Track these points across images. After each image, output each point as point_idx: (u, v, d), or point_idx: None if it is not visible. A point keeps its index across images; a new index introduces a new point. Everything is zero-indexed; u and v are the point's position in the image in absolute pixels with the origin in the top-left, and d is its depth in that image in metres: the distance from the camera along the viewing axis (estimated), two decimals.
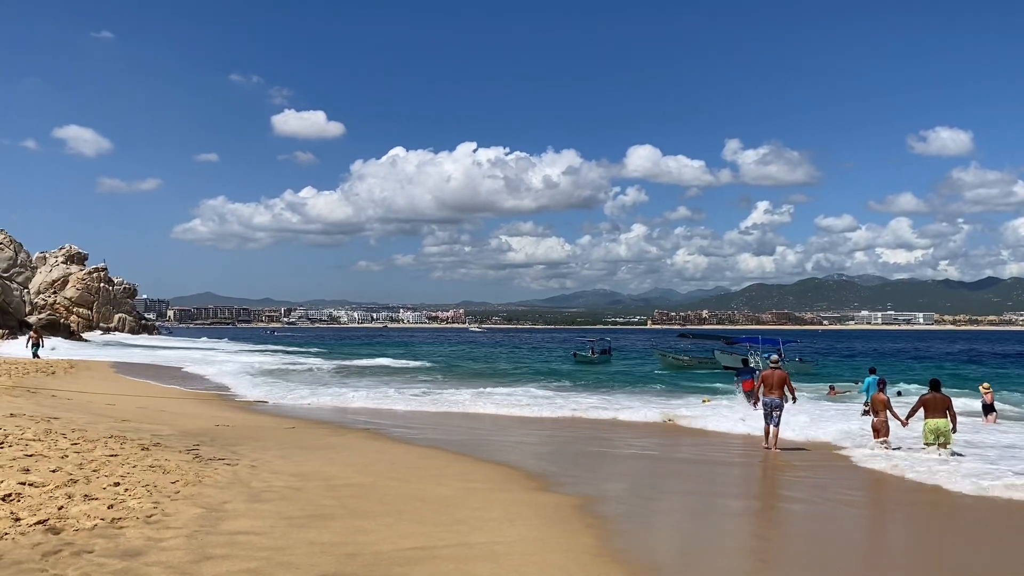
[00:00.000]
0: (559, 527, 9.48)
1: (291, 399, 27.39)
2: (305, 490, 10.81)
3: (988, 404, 21.84)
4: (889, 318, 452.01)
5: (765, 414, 17.45)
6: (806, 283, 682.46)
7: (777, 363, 19.06)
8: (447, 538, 8.60)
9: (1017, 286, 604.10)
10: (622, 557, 8.30)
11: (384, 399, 27.69)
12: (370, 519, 9.29)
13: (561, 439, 19.00)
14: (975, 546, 9.55)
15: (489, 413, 24.36)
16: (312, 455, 14.36)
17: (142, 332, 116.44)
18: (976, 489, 12.36)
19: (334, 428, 19.57)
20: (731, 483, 14.06)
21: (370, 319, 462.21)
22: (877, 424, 16.96)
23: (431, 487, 11.66)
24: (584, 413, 23.87)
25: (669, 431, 20.41)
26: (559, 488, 12.16)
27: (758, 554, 8.98)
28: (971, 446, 16.89)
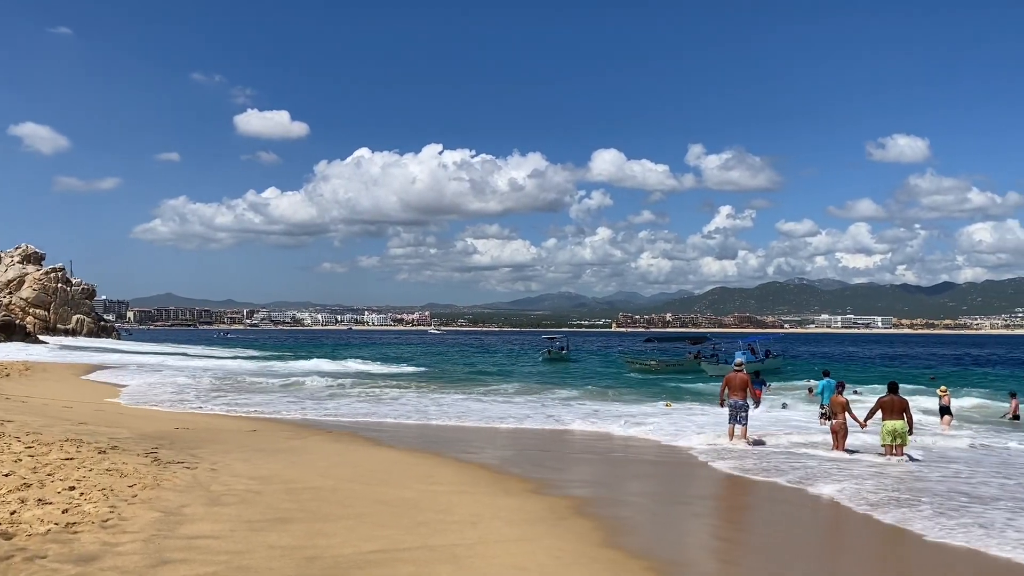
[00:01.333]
0: (521, 529, 9.50)
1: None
2: (265, 493, 10.71)
3: (944, 406, 22.30)
4: (849, 322, 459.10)
5: (730, 415, 18.00)
6: (768, 287, 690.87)
7: (740, 367, 19.34)
8: (408, 541, 8.58)
9: (972, 290, 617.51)
10: (584, 559, 8.34)
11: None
12: (331, 522, 9.23)
13: (524, 442, 19.01)
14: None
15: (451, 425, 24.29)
16: (273, 458, 14.22)
17: (101, 334, 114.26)
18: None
19: (296, 431, 19.39)
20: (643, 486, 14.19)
21: (334, 321, 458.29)
22: (836, 426, 17.22)
23: (393, 490, 11.62)
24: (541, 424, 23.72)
25: (607, 439, 20.46)
26: (522, 491, 12.17)
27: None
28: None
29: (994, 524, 10.37)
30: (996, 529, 10.10)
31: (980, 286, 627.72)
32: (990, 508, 11.44)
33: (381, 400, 28.22)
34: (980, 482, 13.72)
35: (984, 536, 9.74)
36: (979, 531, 9.98)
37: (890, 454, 16.07)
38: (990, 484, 13.51)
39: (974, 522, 10.47)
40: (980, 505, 11.67)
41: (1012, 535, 9.78)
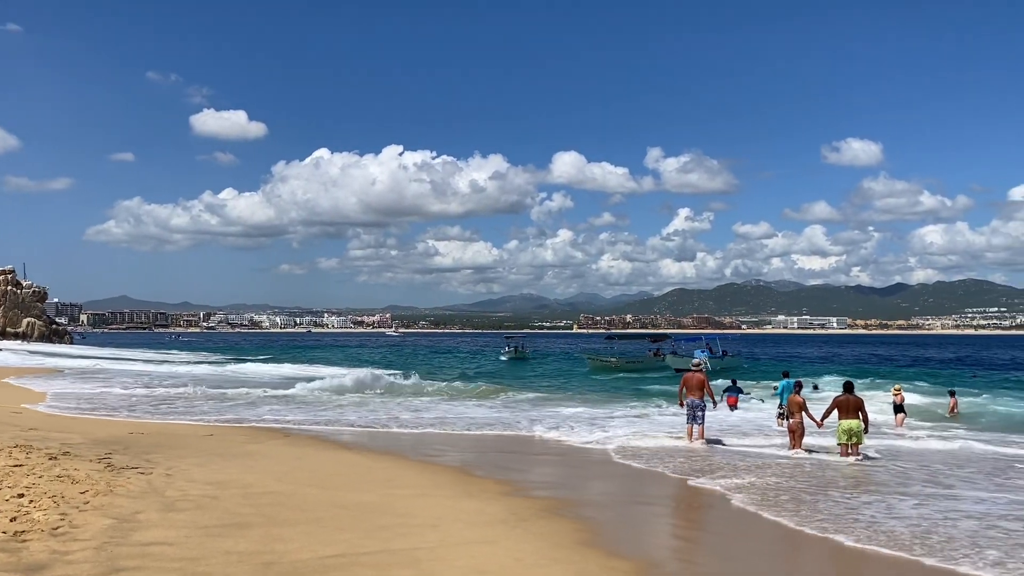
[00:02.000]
0: (482, 531, 9.46)
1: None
2: (222, 498, 10.54)
3: (898, 405, 22.75)
4: (804, 322, 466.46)
5: (688, 415, 18.22)
6: (725, 288, 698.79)
7: (698, 367, 19.56)
8: (368, 545, 8.50)
9: (924, 292, 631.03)
10: (544, 560, 8.33)
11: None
12: (289, 527, 9.11)
13: (485, 445, 18.97)
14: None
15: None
16: (230, 462, 14.02)
17: (54, 338, 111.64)
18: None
19: (253, 435, 19.13)
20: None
21: (293, 324, 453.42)
22: (793, 426, 17.47)
23: (353, 494, 11.51)
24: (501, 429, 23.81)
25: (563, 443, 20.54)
26: (483, 494, 12.14)
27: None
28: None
29: (852, 517, 10.92)
30: (847, 522, 10.61)
31: (931, 287, 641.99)
32: (875, 501, 11.98)
33: (340, 404, 27.94)
34: (899, 480, 14.02)
35: (833, 528, 10.27)
36: (832, 523, 10.53)
37: (846, 453, 16.34)
38: (911, 480, 13.82)
39: (839, 514, 11.12)
40: (869, 496, 12.25)
41: (863, 530, 10.21)
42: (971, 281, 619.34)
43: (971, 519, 10.85)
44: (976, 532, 10.08)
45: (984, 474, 14.80)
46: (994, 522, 10.67)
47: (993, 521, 10.73)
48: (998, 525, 10.49)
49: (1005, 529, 10.27)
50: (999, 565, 8.63)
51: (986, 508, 11.64)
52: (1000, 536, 9.89)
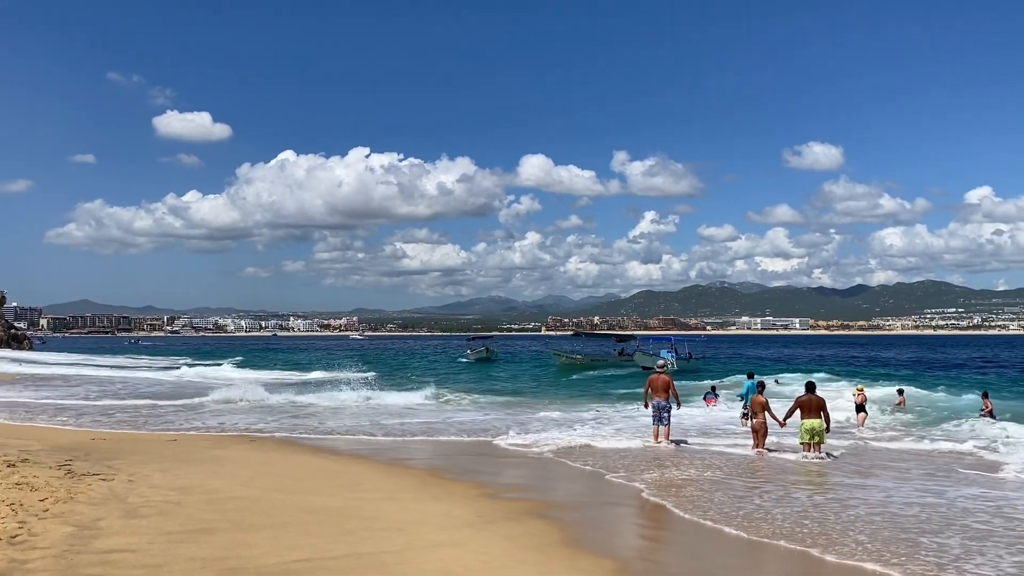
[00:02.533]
0: (449, 534, 9.47)
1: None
2: (186, 504, 10.43)
3: (860, 404, 23.13)
4: (768, 323, 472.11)
5: (654, 416, 18.38)
6: (691, 290, 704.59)
7: (664, 368, 19.72)
8: (335, 549, 8.47)
9: (884, 293, 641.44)
10: (512, 562, 8.36)
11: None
12: (254, 532, 9.04)
13: (450, 448, 18.96)
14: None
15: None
16: (194, 468, 13.86)
17: (12, 343, 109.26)
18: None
19: (218, 440, 18.95)
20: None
21: (258, 327, 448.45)
22: (756, 425, 17.69)
23: (319, 498, 11.45)
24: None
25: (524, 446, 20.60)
26: (450, 497, 12.15)
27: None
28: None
29: (738, 505, 11.76)
30: (731, 510, 11.46)
31: (891, 288, 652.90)
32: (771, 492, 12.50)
33: (306, 409, 27.71)
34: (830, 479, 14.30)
35: (715, 514, 11.17)
36: (715, 510, 11.44)
37: (808, 452, 16.60)
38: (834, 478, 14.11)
39: (728, 502, 12.07)
40: (774, 487, 12.47)
41: (735, 516, 11.13)
42: (930, 283, 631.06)
43: (860, 508, 11.51)
44: (855, 519, 10.81)
45: (926, 471, 15.10)
46: (877, 510, 11.40)
47: (876, 510, 11.43)
48: (880, 513, 11.23)
49: (884, 516, 11.00)
50: (834, 545, 9.48)
51: (884, 496, 12.43)
52: (871, 521, 10.66)
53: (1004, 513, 11.28)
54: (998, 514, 11.21)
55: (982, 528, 10.37)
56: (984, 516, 11.08)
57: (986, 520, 10.83)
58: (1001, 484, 13.78)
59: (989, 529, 10.32)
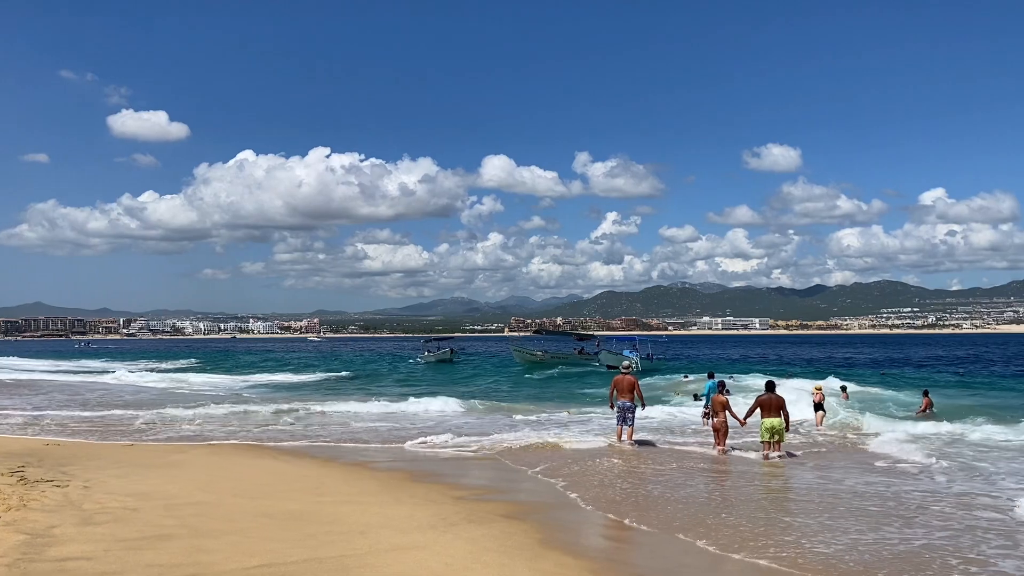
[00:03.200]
0: (411, 537, 9.43)
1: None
2: (143, 510, 10.26)
3: (818, 403, 23.51)
4: (728, 323, 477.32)
5: (618, 416, 18.50)
6: (652, 291, 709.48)
7: (628, 369, 19.85)
8: (295, 554, 8.39)
9: (842, 293, 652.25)
10: (476, 564, 8.35)
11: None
12: (213, 538, 8.92)
13: (411, 452, 18.88)
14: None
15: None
16: (152, 473, 13.65)
17: None
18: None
19: (176, 446, 18.66)
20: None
21: (217, 329, 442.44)
22: (717, 424, 17.87)
23: (279, 503, 11.33)
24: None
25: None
26: (412, 500, 12.10)
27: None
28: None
29: (628, 493, 12.90)
30: (619, 497, 12.60)
31: (849, 288, 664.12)
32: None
33: (260, 413, 27.32)
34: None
35: (602, 500, 12.38)
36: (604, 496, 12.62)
37: (768, 450, 16.81)
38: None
39: (623, 490, 13.28)
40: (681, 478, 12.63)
41: (621, 503, 12.22)
42: (886, 282, 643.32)
43: (747, 499, 12.47)
44: (730, 505, 11.78)
45: (861, 467, 15.44)
46: (761, 499, 12.50)
47: (763, 500, 12.40)
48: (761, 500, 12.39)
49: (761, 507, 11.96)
50: (690, 527, 10.53)
51: (781, 483, 13.58)
52: (747, 509, 11.66)
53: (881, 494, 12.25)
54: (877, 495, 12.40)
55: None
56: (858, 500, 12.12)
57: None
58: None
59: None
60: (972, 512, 11.22)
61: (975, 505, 11.70)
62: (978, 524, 10.49)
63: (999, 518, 10.84)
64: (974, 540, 9.66)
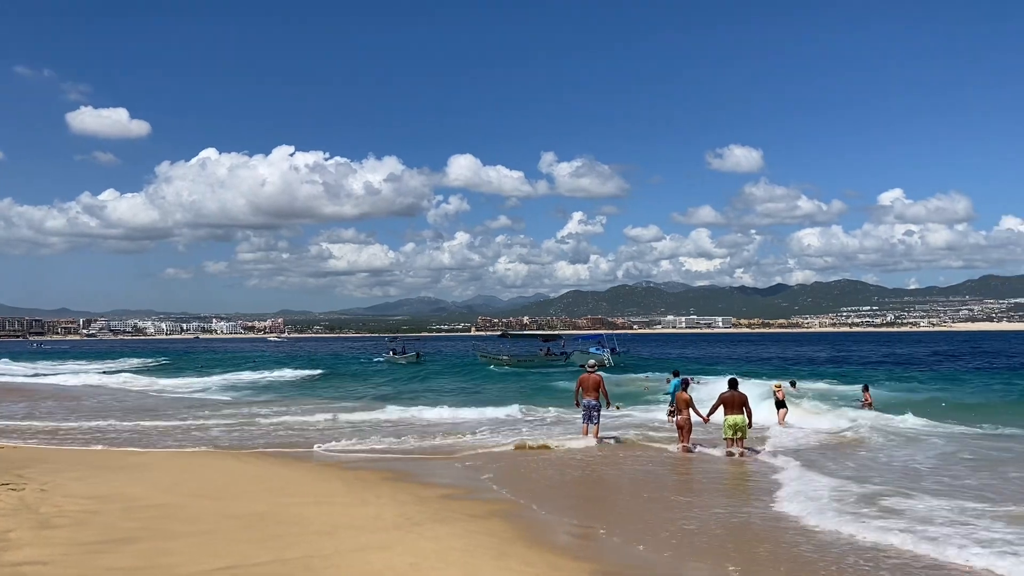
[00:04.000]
0: (378, 537, 9.39)
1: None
2: (103, 513, 10.09)
3: (780, 401, 23.83)
4: (692, 322, 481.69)
5: (583, 414, 18.65)
6: (617, 290, 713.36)
7: (593, 368, 19.93)
8: (260, 555, 8.30)
9: (803, 292, 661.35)
10: (440, 563, 8.33)
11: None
12: (176, 540, 8.80)
13: (376, 449, 18.78)
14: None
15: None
16: (113, 475, 13.42)
17: None
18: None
19: (138, 447, 18.38)
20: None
21: (180, 330, 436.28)
22: (681, 422, 18.03)
23: (244, 504, 11.22)
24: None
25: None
26: (378, 500, 12.04)
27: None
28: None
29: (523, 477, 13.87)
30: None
31: (810, 287, 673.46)
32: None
33: (218, 414, 27.01)
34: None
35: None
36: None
37: (731, 447, 17.01)
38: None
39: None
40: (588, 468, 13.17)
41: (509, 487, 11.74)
42: (846, 281, 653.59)
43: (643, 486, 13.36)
44: (691, 506, 11.91)
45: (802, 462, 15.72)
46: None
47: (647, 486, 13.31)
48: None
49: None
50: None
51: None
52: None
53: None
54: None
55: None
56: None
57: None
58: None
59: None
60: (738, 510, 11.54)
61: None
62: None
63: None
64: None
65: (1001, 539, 9.43)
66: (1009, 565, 8.43)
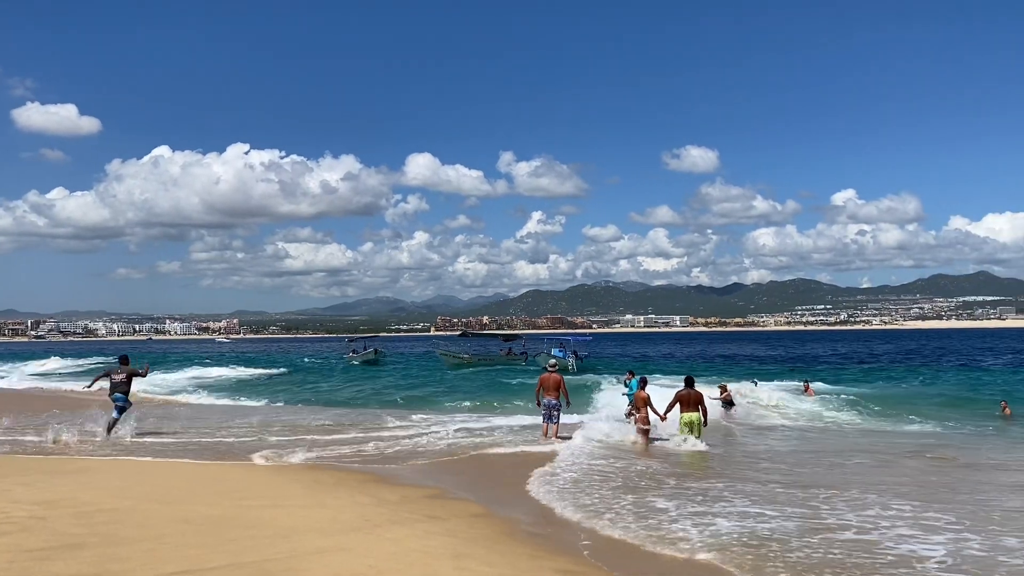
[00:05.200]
0: (336, 539, 9.29)
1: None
2: (51, 519, 9.83)
3: (726, 400, 24.40)
4: (650, 321, 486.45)
5: (544, 414, 18.76)
6: (577, 289, 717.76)
7: (554, 367, 20.04)
8: (214, 560, 8.16)
9: (758, 291, 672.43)
10: (400, 564, 8.28)
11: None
12: (127, 546, 8.61)
13: (336, 451, 18.64)
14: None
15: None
16: (62, 480, 13.09)
17: None
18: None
19: (89, 449, 17.97)
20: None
21: (132, 331, 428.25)
22: (640, 420, 18.22)
23: (199, 507, 11.02)
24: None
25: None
26: (336, 503, 11.93)
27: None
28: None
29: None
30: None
31: (765, 286, 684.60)
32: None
33: (172, 414, 26.65)
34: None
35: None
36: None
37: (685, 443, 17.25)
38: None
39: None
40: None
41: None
42: (800, 280, 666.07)
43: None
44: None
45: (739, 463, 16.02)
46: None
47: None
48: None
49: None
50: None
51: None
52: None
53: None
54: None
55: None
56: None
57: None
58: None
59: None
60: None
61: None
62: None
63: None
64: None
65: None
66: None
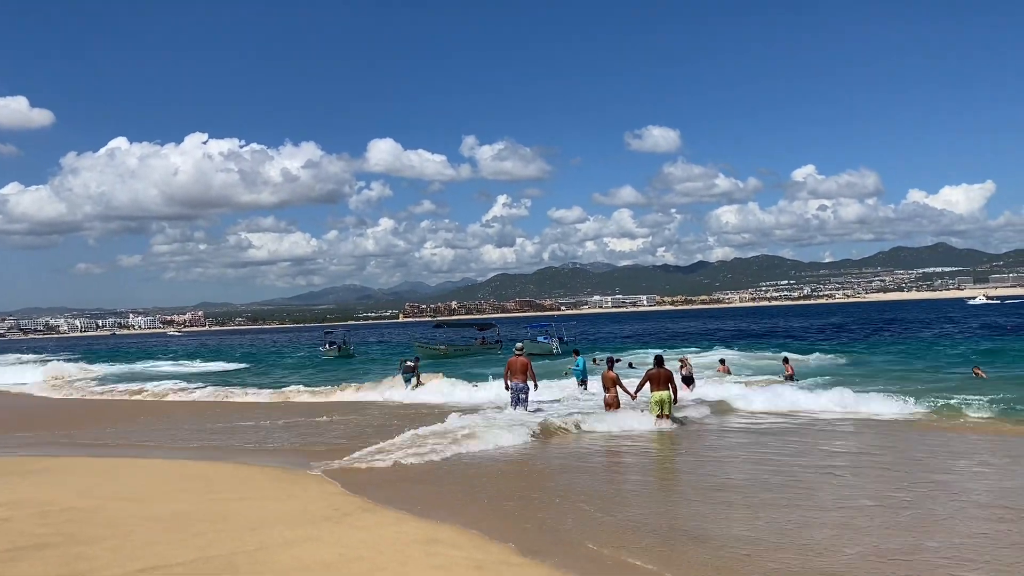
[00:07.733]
0: (305, 530, 9.27)
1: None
2: (14, 520, 9.70)
3: (686, 376, 24.46)
4: (618, 301, 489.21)
5: (512, 398, 18.83)
6: (544, 272, 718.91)
7: (521, 351, 20.10)
8: (182, 555, 8.11)
9: (722, 268, 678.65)
10: (370, 552, 8.29)
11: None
12: (93, 544, 8.52)
13: (302, 441, 18.54)
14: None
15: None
16: (24, 480, 12.91)
17: None
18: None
19: (51, 449, 17.71)
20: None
21: (95, 327, 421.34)
22: (609, 399, 18.36)
23: (165, 504, 10.93)
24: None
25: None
26: (304, 494, 11.90)
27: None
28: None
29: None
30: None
31: (729, 264, 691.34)
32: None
33: (142, 409, 26.33)
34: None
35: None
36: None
37: (658, 422, 17.39)
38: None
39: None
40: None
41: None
42: (763, 257, 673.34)
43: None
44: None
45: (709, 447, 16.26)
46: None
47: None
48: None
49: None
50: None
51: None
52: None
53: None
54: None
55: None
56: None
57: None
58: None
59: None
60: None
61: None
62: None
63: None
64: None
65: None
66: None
